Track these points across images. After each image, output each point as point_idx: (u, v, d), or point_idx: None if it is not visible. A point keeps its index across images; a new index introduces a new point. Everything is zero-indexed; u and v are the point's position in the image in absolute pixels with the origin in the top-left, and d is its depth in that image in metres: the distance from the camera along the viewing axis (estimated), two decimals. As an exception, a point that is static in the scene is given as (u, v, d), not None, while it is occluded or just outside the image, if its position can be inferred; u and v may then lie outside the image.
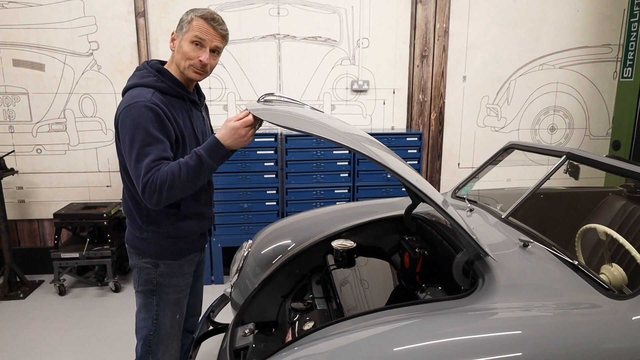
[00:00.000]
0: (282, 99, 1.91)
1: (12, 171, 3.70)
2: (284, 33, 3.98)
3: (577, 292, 1.61)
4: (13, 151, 3.85)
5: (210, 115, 2.11)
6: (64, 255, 3.65)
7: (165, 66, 1.79)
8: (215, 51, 1.76)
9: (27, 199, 4.00)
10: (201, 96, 1.93)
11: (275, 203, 3.84)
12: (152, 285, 1.81)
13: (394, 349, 1.39)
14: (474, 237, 1.69)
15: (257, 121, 1.68)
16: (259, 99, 1.86)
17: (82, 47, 3.79)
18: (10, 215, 3.88)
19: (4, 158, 3.64)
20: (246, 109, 1.70)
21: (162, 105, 1.66)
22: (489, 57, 4.26)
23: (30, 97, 3.82)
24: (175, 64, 1.76)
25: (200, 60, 1.71)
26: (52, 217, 3.83)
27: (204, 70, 1.75)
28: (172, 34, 1.79)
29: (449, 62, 4.22)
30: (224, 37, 1.77)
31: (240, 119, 1.64)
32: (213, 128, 2.04)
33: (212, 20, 1.72)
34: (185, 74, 1.75)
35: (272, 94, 1.88)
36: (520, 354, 1.35)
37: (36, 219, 4.07)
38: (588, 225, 1.96)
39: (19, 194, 3.98)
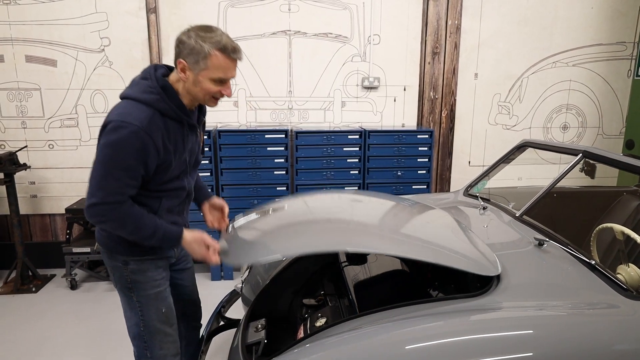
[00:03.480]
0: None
1: (25, 166, 3.73)
2: (295, 29, 3.97)
3: (595, 292, 1.59)
4: (26, 146, 3.88)
5: (220, 113, 2.08)
6: (75, 249, 3.68)
7: (170, 79, 1.67)
8: (233, 77, 1.70)
9: (40, 194, 4.03)
10: (202, 114, 1.85)
11: (285, 200, 3.83)
12: (128, 283, 1.78)
13: (406, 347, 1.39)
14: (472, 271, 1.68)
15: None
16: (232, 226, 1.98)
17: (94, 43, 3.81)
18: (23, 210, 3.92)
19: (17, 153, 3.67)
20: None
21: (155, 134, 1.58)
22: (501, 55, 4.22)
23: (42, 93, 3.85)
24: (187, 91, 1.66)
25: (223, 94, 1.67)
26: (63, 212, 3.86)
27: (223, 97, 1.71)
28: (180, 62, 1.60)
29: (460, 59, 4.18)
30: (238, 62, 1.68)
31: (211, 248, 1.72)
32: (204, 144, 1.98)
33: (234, 52, 1.60)
34: (204, 103, 1.72)
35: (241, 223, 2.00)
36: (531, 354, 1.33)
37: (48, 214, 4.10)
38: (604, 225, 1.93)
39: (31, 189, 4.01)
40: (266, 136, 3.73)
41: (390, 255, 1.65)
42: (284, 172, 3.79)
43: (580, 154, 2.18)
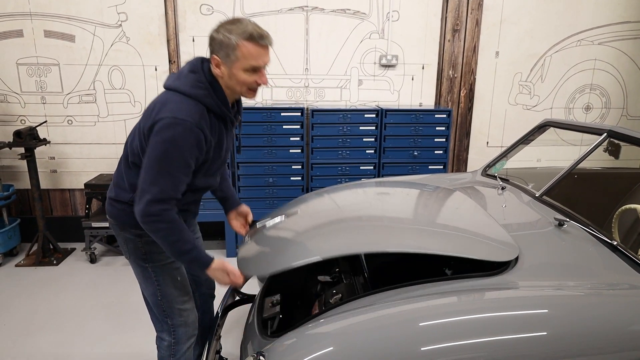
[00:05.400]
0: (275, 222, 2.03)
1: (45, 141, 3.78)
2: (312, 5, 3.90)
3: (616, 272, 1.56)
4: (45, 122, 3.93)
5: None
6: (94, 224, 3.75)
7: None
8: (267, 64, 1.68)
9: (59, 169, 4.10)
10: (240, 111, 1.86)
11: (300, 178, 3.83)
12: (142, 254, 1.79)
13: (420, 324, 1.39)
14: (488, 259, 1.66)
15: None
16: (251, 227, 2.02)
17: (111, 18, 3.80)
18: (43, 184, 3.99)
19: (37, 128, 3.72)
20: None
21: (206, 128, 1.62)
22: (523, 32, 4.10)
23: (61, 68, 3.87)
24: (225, 86, 1.67)
25: (259, 82, 1.66)
26: (82, 187, 3.92)
27: (260, 86, 1.70)
28: (214, 59, 1.63)
29: (481, 36, 4.08)
30: (270, 46, 1.65)
31: (231, 274, 1.75)
32: (240, 142, 2.04)
33: (261, 38, 1.59)
34: (242, 96, 1.72)
35: (264, 226, 2.01)
36: (545, 333, 1.32)
37: (68, 189, 4.17)
38: (627, 206, 1.89)
39: (51, 164, 4.07)
40: (282, 114, 3.71)
41: (425, 253, 1.65)
42: (299, 151, 3.78)
43: (605, 134, 2.12)
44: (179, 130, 1.54)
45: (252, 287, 2.47)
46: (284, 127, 3.73)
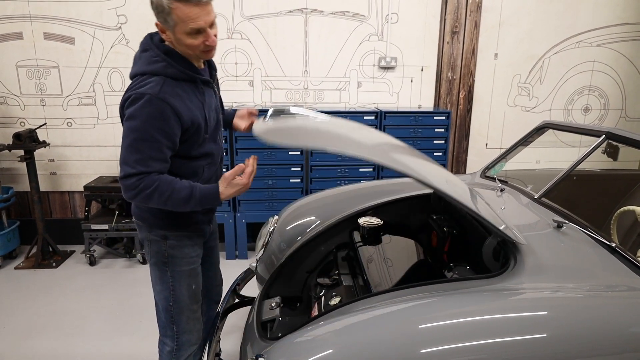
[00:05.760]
0: (295, 113, 1.87)
1: (44, 143, 3.78)
2: (312, 7, 3.91)
3: (615, 274, 1.56)
4: (45, 124, 3.93)
5: (235, 92, 2.07)
6: (94, 226, 3.75)
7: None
8: (213, 22, 1.58)
9: (59, 171, 4.10)
10: (212, 69, 1.81)
11: (299, 180, 3.84)
12: (164, 258, 1.79)
13: (419, 326, 1.39)
14: (504, 232, 1.64)
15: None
16: (270, 113, 1.86)
17: (111, 20, 3.80)
18: (43, 187, 3.99)
19: (36, 131, 3.72)
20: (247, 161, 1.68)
21: (171, 99, 1.56)
22: (522, 34, 4.11)
23: (60, 71, 3.87)
24: (180, 50, 1.62)
25: (207, 44, 1.59)
26: (82, 189, 3.92)
27: (213, 47, 1.63)
28: (157, 25, 1.59)
29: (480, 38, 4.09)
30: (210, 3, 1.55)
31: (236, 178, 1.65)
32: (224, 104, 1.96)
33: None
34: (199, 58, 1.66)
35: (282, 111, 1.86)
36: (545, 335, 1.32)
37: (67, 191, 4.17)
38: (626, 208, 1.89)
39: (50, 166, 4.07)
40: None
41: (436, 190, 1.56)
42: (298, 153, 3.78)
43: (604, 135, 2.13)
44: (139, 104, 1.52)
45: (252, 290, 2.48)
46: (284, 129, 3.73)
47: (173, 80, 1.60)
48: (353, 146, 1.65)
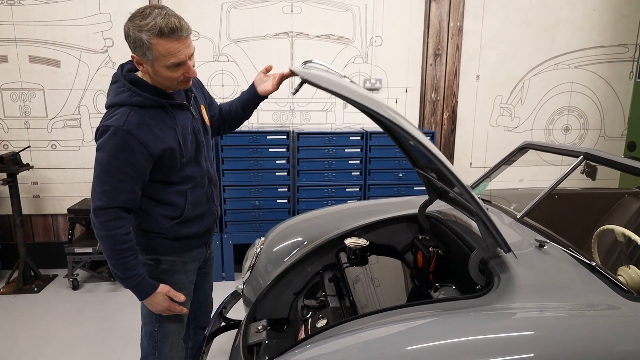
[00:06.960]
0: (322, 67, 1.87)
1: (28, 166, 3.74)
2: (297, 31, 3.98)
3: (595, 293, 1.59)
4: (29, 147, 3.89)
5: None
6: (77, 250, 3.69)
7: (139, 72, 1.64)
8: (192, 54, 1.58)
9: (42, 194, 4.05)
10: (189, 90, 1.76)
11: (286, 201, 3.84)
12: (157, 281, 1.76)
13: (407, 348, 1.39)
14: (498, 230, 1.66)
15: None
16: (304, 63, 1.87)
17: (97, 44, 3.82)
18: (25, 210, 3.93)
19: (20, 153, 3.68)
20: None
21: (137, 130, 1.54)
22: (503, 56, 4.23)
23: (45, 93, 3.86)
24: (154, 82, 1.62)
25: (187, 76, 1.60)
26: (66, 212, 3.87)
27: (192, 77, 1.64)
28: (133, 57, 1.58)
29: (462, 60, 4.19)
30: (189, 36, 1.55)
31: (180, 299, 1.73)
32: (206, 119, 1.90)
33: (172, 32, 1.47)
34: (177, 88, 1.66)
35: (310, 61, 1.88)
36: (532, 355, 1.33)
37: (50, 214, 4.11)
38: (605, 226, 1.93)
39: (34, 189, 4.02)
40: (268, 137, 3.74)
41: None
42: (285, 174, 3.80)
43: (582, 156, 2.18)
44: (105, 138, 1.54)
45: (239, 312, 2.45)
46: (270, 150, 3.75)
47: (141, 108, 1.59)
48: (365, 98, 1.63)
